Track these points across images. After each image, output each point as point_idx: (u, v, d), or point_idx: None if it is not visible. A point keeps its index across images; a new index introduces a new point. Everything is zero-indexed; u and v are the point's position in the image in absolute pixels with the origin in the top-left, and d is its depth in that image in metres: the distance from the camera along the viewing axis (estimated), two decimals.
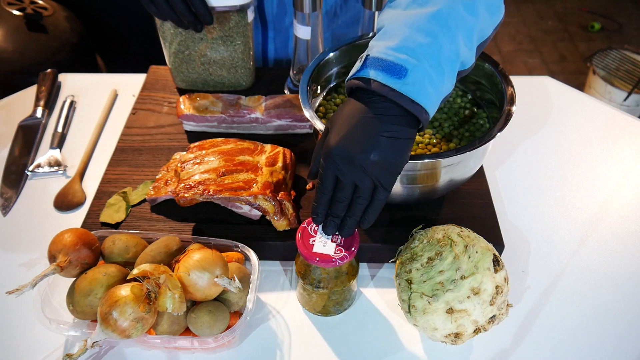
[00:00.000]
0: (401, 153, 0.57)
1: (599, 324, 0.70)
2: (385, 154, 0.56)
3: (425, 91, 0.56)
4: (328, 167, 0.58)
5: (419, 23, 0.56)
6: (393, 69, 0.55)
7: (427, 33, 0.56)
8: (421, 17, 0.57)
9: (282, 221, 0.73)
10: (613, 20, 2.89)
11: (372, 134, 0.56)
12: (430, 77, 0.56)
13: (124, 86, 1.07)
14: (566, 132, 0.98)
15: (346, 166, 0.57)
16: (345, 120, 0.58)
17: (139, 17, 1.38)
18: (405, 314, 0.63)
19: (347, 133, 0.57)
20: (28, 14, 1.42)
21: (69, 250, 0.63)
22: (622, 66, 2.15)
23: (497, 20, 0.62)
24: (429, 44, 0.56)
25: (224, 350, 0.67)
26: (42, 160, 0.91)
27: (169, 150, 0.89)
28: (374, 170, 0.57)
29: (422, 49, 0.56)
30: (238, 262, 0.70)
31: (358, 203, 0.59)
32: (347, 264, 0.65)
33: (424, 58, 0.56)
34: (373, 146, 0.56)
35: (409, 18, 0.57)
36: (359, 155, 0.56)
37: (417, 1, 0.58)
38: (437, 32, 0.56)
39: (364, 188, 0.58)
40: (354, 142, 0.56)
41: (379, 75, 0.56)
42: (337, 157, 0.57)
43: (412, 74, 0.55)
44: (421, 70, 0.55)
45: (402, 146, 0.57)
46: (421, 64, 0.55)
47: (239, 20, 0.89)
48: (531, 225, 0.82)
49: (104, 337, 0.57)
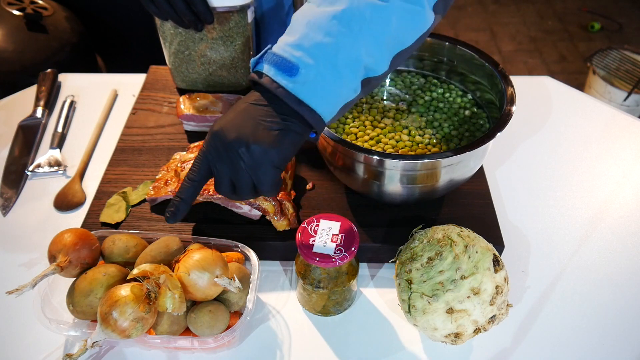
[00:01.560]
0: (283, 145, 0.54)
1: (599, 324, 0.70)
2: (262, 142, 0.53)
3: (315, 92, 0.54)
4: (204, 153, 0.57)
5: (320, 22, 0.54)
6: (285, 66, 0.53)
7: (327, 33, 0.53)
8: (324, 16, 0.54)
9: (282, 221, 0.73)
10: (613, 20, 2.89)
11: (254, 123, 0.54)
12: (324, 78, 0.53)
13: (124, 86, 1.07)
14: (566, 132, 0.98)
15: (222, 153, 0.55)
16: (233, 107, 0.57)
17: (139, 17, 1.38)
18: (405, 314, 0.63)
19: (230, 118, 0.55)
20: (28, 14, 1.41)
21: (69, 250, 0.63)
22: (622, 66, 2.15)
23: (421, 28, 0.58)
24: (326, 44, 0.53)
25: (224, 350, 0.67)
26: (42, 160, 0.91)
27: (169, 150, 0.89)
28: (250, 160, 0.54)
29: (318, 49, 0.53)
30: (238, 262, 0.70)
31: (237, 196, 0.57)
32: (347, 264, 0.65)
33: (320, 58, 0.53)
34: (251, 133, 0.54)
35: (314, 15, 0.55)
36: (234, 140, 0.54)
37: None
38: (336, 33, 0.53)
39: (239, 187, 0.56)
40: (233, 127, 0.54)
41: (270, 70, 0.54)
42: (213, 141, 0.55)
43: (303, 73, 0.53)
44: (314, 70, 0.53)
45: (285, 139, 0.54)
46: (316, 64, 0.53)
47: (239, 20, 0.89)
48: (531, 225, 0.82)
49: (104, 337, 0.57)
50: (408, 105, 0.85)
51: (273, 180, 0.56)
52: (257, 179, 0.56)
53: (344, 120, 0.82)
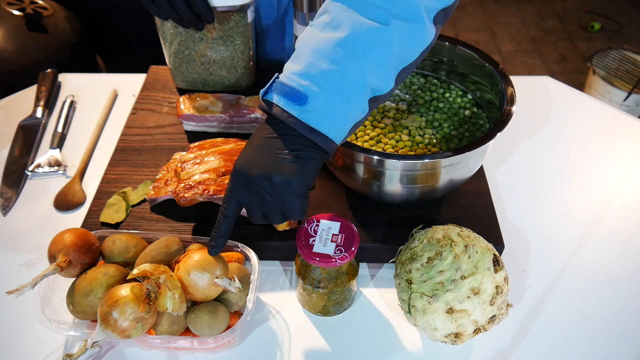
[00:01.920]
0: (303, 174, 0.57)
1: (599, 324, 0.70)
2: (283, 175, 0.56)
3: (325, 119, 0.55)
4: (231, 190, 0.59)
5: (324, 49, 0.55)
6: (294, 96, 0.55)
7: (332, 60, 0.55)
8: (328, 43, 0.55)
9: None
10: (613, 20, 2.89)
11: (272, 157, 0.56)
12: (332, 104, 0.55)
13: (124, 86, 1.07)
14: (566, 132, 0.98)
15: (248, 189, 0.58)
16: (250, 142, 0.59)
17: (139, 17, 1.38)
18: (405, 314, 0.63)
19: (248, 155, 0.58)
20: (28, 14, 1.42)
21: (69, 250, 0.63)
22: (622, 66, 2.15)
23: (422, 43, 0.59)
24: (331, 72, 0.55)
25: (224, 350, 0.67)
26: (42, 160, 0.91)
27: (169, 150, 0.89)
28: (274, 192, 0.57)
29: (324, 77, 0.55)
30: (238, 262, 0.70)
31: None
32: (347, 264, 0.65)
33: (326, 86, 0.55)
34: (271, 168, 0.56)
35: (318, 42, 0.56)
36: (257, 177, 0.56)
37: (331, 24, 0.56)
38: (341, 60, 0.54)
39: (270, 217, 0.59)
40: (253, 163, 0.57)
41: (280, 100, 0.56)
42: (237, 179, 0.58)
43: (312, 102, 0.55)
44: (322, 98, 0.55)
45: (303, 167, 0.57)
46: (323, 92, 0.55)
47: (239, 20, 0.89)
48: (531, 225, 0.82)
49: (104, 337, 0.57)
50: (408, 105, 0.85)
51: (300, 207, 0.58)
52: (284, 208, 0.58)
53: None
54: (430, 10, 0.58)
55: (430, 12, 0.58)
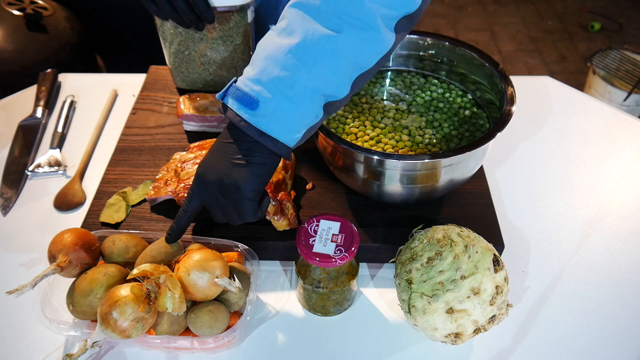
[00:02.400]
0: (252, 179, 0.59)
1: (599, 324, 0.70)
2: (233, 179, 0.59)
3: (275, 123, 0.57)
4: (192, 190, 0.64)
5: (277, 55, 0.57)
6: (246, 101, 0.57)
7: (283, 67, 0.56)
8: (281, 49, 0.57)
9: (282, 221, 0.73)
10: (613, 20, 2.89)
11: (225, 162, 0.60)
12: (282, 110, 0.57)
13: (124, 86, 1.07)
14: (566, 132, 0.98)
15: (206, 191, 0.62)
16: (211, 147, 0.63)
17: (139, 17, 1.38)
18: (405, 314, 0.63)
19: (207, 159, 0.62)
20: (28, 14, 1.41)
21: (69, 250, 0.63)
22: (622, 66, 2.15)
23: (379, 51, 0.59)
24: (282, 78, 0.56)
25: (224, 350, 0.67)
26: (42, 160, 0.91)
27: (169, 150, 0.89)
28: (227, 196, 0.60)
29: (274, 83, 0.56)
30: (238, 262, 0.70)
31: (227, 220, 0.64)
32: (347, 264, 0.65)
33: (277, 92, 0.56)
34: (224, 173, 0.60)
35: (272, 48, 0.58)
36: (212, 181, 0.60)
37: (286, 30, 0.57)
38: (292, 67, 0.56)
39: (227, 218, 0.63)
40: (209, 168, 0.61)
41: (234, 104, 0.58)
42: (197, 182, 0.63)
43: (262, 107, 0.57)
44: (272, 103, 0.56)
45: (252, 172, 0.59)
46: (274, 98, 0.56)
47: (239, 20, 0.89)
48: (531, 225, 0.82)
49: (104, 337, 0.57)
50: (408, 105, 0.85)
51: (252, 210, 0.62)
52: (237, 211, 0.62)
53: (344, 120, 0.82)
54: (389, 19, 0.57)
55: (389, 20, 0.57)
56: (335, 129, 0.80)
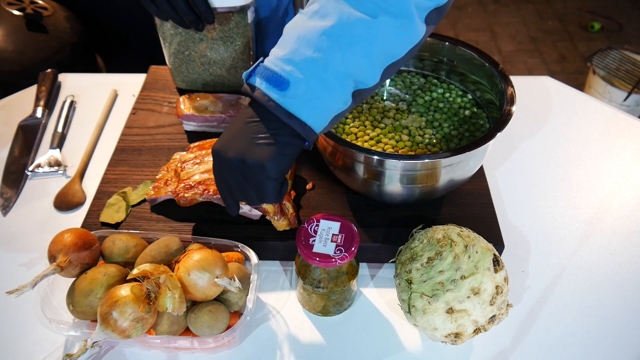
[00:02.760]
0: (278, 159, 0.57)
1: (599, 324, 0.70)
2: (257, 157, 0.56)
3: (305, 106, 0.55)
4: (214, 166, 0.61)
5: (310, 37, 0.55)
6: (276, 80, 0.55)
7: (316, 48, 0.55)
8: (314, 31, 0.55)
9: (282, 221, 0.73)
10: (613, 20, 2.89)
11: (249, 140, 0.57)
12: (314, 92, 0.55)
13: (124, 86, 1.07)
14: (566, 132, 0.98)
15: (225, 169, 0.59)
16: (230, 124, 0.60)
17: (139, 17, 1.38)
18: (405, 314, 0.63)
19: (227, 136, 0.59)
20: (28, 14, 1.41)
21: (69, 250, 0.63)
22: (622, 66, 2.15)
23: (411, 40, 0.58)
24: (315, 60, 0.55)
25: (224, 350, 0.67)
26: (42, 160, 0.91)
27: (169, 150, 0.89)
28: (248, 175, 0.58)
29: (307, 64, 0.55)
30: (238, 262, 0.70)
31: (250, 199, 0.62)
32: (347, 264, 0.65)
33: (309, 73, 0.55)
34: (245, 150, 0.57)
35: (304, 29, 0.56)
36: (231, 159, 0.58)
37: (319, 13, 0.56)
38: (325, 48, 0.54)
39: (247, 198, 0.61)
40: (229, 145, 0.58)
41: (262, 84, 0.56)
42: (215, 160, 0.60)
43: (293, 88, 0.55)
44: (304, 84, 0.55)
45: (279, 152, 0.57)
46: (305, 79, 0.55)
47: (239, 21, 0.89)
48: (531, 225, 0.82)
49: (104, 337, 0.57)
50: (408, 105, 0.85)
51: (274, 191, 0.59)
52: (258, 191, 0.59)
53: (344, 120, 0.82)
54: (422, 9, 0.57)
55: (421, 10, 0.57)
56: (335, 129, 0.80)
